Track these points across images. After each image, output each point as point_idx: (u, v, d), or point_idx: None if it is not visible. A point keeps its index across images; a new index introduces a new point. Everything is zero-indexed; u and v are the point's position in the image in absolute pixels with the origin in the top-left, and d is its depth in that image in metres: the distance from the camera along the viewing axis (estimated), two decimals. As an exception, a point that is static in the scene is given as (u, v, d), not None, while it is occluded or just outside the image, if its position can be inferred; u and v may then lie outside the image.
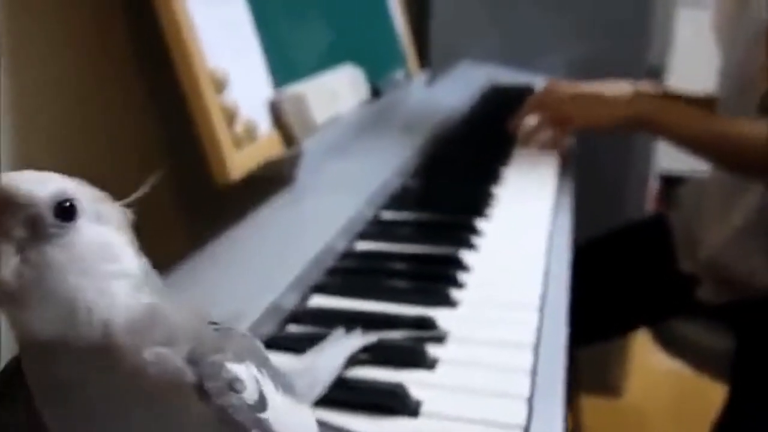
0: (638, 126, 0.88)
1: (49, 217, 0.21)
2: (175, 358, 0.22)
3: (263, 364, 0.25)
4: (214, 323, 0.25)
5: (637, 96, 0.91)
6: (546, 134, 0.92)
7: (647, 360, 1.50)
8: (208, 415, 0.22)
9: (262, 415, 0.23)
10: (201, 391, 0.22)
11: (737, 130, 0.83)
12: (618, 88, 1.00)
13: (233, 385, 0.23)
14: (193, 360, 0.22)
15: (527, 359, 0.45)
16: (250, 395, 0.23)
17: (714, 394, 0.84)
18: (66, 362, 0.21)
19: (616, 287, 1.00)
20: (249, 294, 0.48)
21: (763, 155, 0.79)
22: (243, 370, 0.23)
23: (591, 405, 1.42)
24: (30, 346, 0.22)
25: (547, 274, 0.57)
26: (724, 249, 0.90)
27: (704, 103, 0.98)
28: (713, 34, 0.96)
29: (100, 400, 0.21)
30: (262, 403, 0.23)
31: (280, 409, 0.24)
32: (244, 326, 0.44)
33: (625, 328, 1.08)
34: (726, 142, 0.83)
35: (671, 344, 1.02)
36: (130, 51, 0.65)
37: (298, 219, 0.62)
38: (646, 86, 1.04)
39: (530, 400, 0.42)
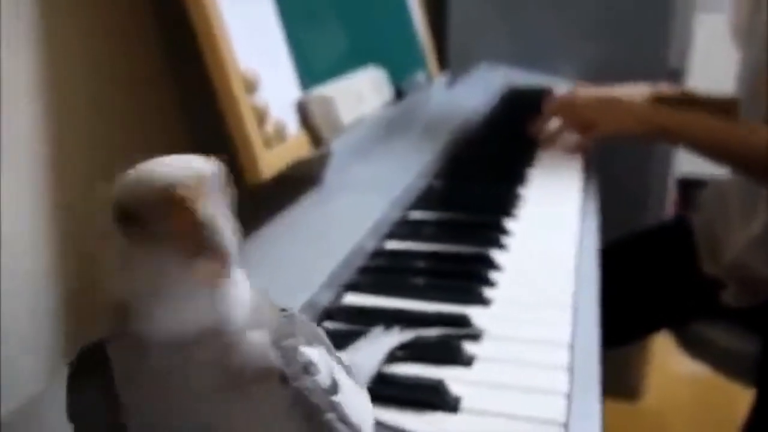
0: (661, 136, 0.88)
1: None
2: (267, 342, 0.22)
3: (329, 350, 0.26)
4: (283, 309, 0.25)
5: (660, 107, 0.90)
6: (570, 138, 0.92)
7: (667, 363, 1.50)
8: (286, 398, 0.22)
9: (335, 398, 0.23)
10: (281, 374, 0.22)
11: (759, 139, 0.82)
12: (638, 91, 1.00)
13: (308, 368, 0.23)
14: (275, 344, 0.23)
15: (564, 356, 0.46)
16: (323, 379, 0.23)
17: (733, 397, 0.84)
18: (172, 348, 0.22)
19: (639, 290, 1.00)
20: (285, 292, 0.49)
21: None
22: (316, 354, 0.24)
23: (610, 408, 1.41)
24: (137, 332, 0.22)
25: (578, 274, 0.57)
26: (747, 252, 0.90)
27: (725, 105, 0.98)
28: (730, 37, 0.96)
29: (196, 384, 0.22)
30: (334, 387, 0.24)
31: (349, 392, 0.25)
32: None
33: (648, 330, 1.08)
34: (749, 153, 0.82)
35: (694, 347, 1.02)
36: (162, 54, 0.66)
37: (328, 219, 0.63)
38: (665, 88, 1.04)
39: (569, 397, 0.42)
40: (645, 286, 1.00)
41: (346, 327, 0.49)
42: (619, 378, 1.47)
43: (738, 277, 0.92)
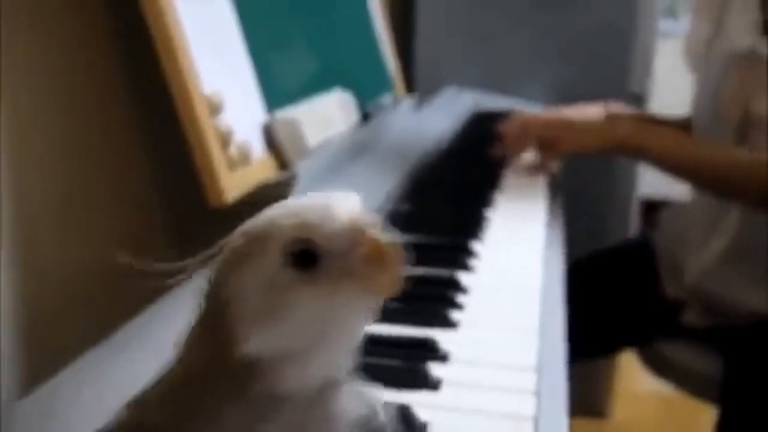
0: (622, 150, 0.89)
1: None
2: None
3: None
4: None
5: (622, 121, 0.92)
6: (533, 158, 0.93)
7: (633, 383, 1.51)
8: None
9: None
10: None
11: (720, 155, 0.84)
12: (592, 112, 1.02)
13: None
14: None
15: (531, 380, 0.45)
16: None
17: (699, 415, 0.85)
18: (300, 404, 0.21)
19: (601, 308, 1.01)
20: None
21: (745, 180, 0.81)
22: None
23: (578, 426, 1.42)
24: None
25: (544, 295, 0.58)
26: (708, 275, 0.91)
27: (680, 127, 1.00)
28: (686, 59, 0.98)
29: None
30: None
31: None
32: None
33: (610, 348, 1.09)
34: (709, 167, 0.84)
35: (657, 366, 1.02)
36: (124, 75, 0.65)
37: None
38: (619, 109, 1.06)
39: (536, 420, 0.42)
40: (608, 305, 1.01)
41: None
42: (587, 396, 1.47)
43: (699, 298, 0.94)
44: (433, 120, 1.13)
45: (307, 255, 0.21)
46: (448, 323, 0.52)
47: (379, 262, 0.21)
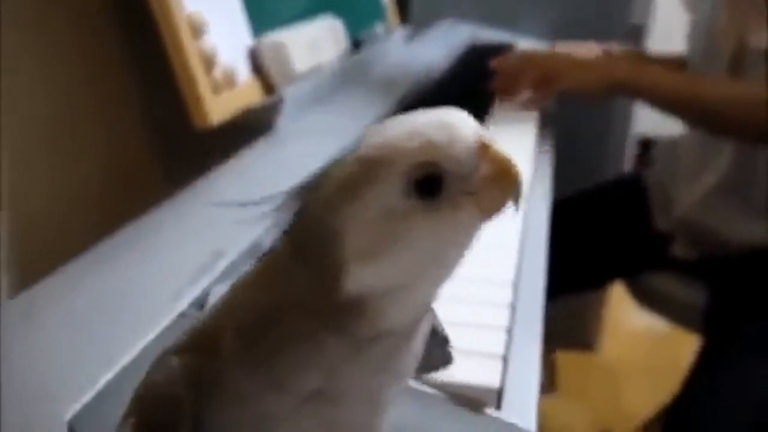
0: (620, 90, 0.88)
1: None
2: None
3: None
4: None
5: (620, 60, 0.91)
6: (529, 93, 0.92)
7: (622, 317, 1.54)
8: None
9: None
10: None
11: (716, 91, 0.83)
12: (589, 50, 1.00)
13: None
14: None
15: (507, 295, 0.46)
16: None
17: (688, 350, 0.86)
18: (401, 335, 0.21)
19: (592, 242, 1.02)
20: (229, 234, 0.48)
21: (741, 115, 0.80)
22: None
23: (566, 359, 1.45)
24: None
25: (526, 222, 0.58)
26: (698, 207, 0.92)
27: (674, 64, 0.99)
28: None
29: (405, 368, 0.22)
30: None
31: None
32: (224, 264, 0.45)
33: (599, 281, 1.10)
34: (706, 104, 0.83)
35: (645, 297, 1.04)
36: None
37: (278, 163, 0.62)
38: (616, 48, 1.04)
39: (510, 331, 0.43)
40: (598, 238, 1.02)
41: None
42: (576, 331, 1.50)
43: (687, 232, 0.94)
44: (427, 51, 1.11)
45: (431, 181, 0.19)
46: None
47: (504, 180, 0.20)
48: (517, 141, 0.80)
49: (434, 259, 0.19)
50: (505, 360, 0.41)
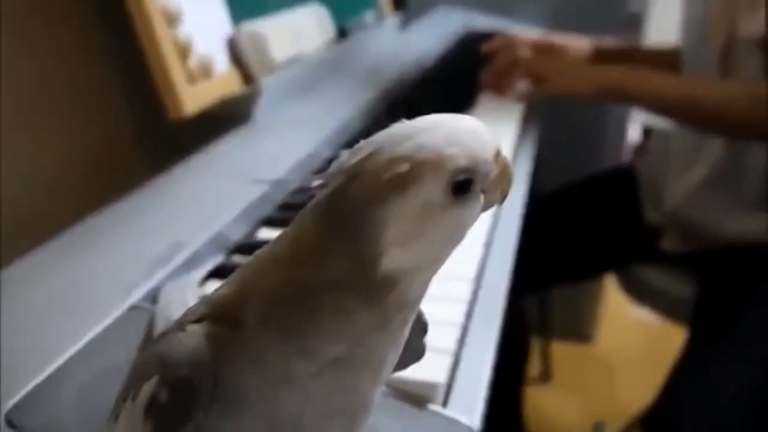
0: (611, 95, 0.87)
1: None
2: None
3: None
4: None
5: (613, 69, 0.90)
6: (522, 86, 0.91)
7: (618, 309, 1.53)
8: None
9: None
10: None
11: (707, 93, 0.82)
12: (579, 44, 0.99)
13: None
14: None
15: (466, 291, 0.46)
16: None
17: (681, 342, 0.86)
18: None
19: (583, 232, 1.01)
20: (193, 225, 0.49)
21: (733, 116, 0.79)
22: None
23: (561, 349, 1.45)
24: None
25: (494, 226, 0.57)
26: (688, 200, 0.91)
27: (668, 57, 0.97)
28: None
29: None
30: None
31: None
32: (185, 255, 0.45)
33: (589, 272, 1.10)
34: (698, 107, 0.82)
35: (636, 290, 1.04)
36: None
37: (252, 154, 0.62)
38: (610, 41, 1.03)
39: (465, 327, 0.43)
40: (589, 230, 1.01)
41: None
42: (572, 322, 1.50)
43: (678, 225, 0.94)
44: (419, 39, 1.10)
45: (468, 182, 0.22)
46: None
47: (505, 181, 0.24)
48: (498, 132, 0.79)
49: (451, 243, 0.23)
50: (457, 356, 0.41)
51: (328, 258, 0.22)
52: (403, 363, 0.27)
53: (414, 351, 0.29)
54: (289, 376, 0.22)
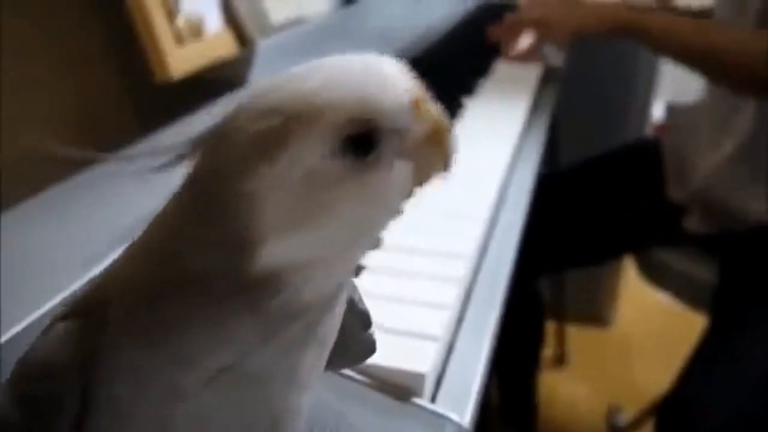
0: (623, 31, 0.83)
1: None
2: None
3: None
4: None
5: (626, 8, 0.86)
6: (528, 41, 0.87)
7: (637, 291, 1.48)
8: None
9: None
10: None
11: (728, 40, 0.77)
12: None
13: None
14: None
15: (460, 268, 0.42)
16: None
17: (701, 328, 0.82)
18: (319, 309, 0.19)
19: (602, 210, 0.97)
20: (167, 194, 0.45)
21: (754, 68, 0.74)
22: None
23: (577, 334, 1.41)
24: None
25: (501, 194, 0.53)
26: (714, 178, 0.87)
27: (699, 17, 0.92)
28: None
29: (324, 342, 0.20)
30: None
31: None
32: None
33: (608, 254, 1.05)
34: (715, 53, 0.78)
35: (655, 274, 0.99)
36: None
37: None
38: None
39: (462, 312, 0.39)
40: (610, 208, 0.97)
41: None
42: (589, 305, 1.45)
43: (702, 203, 0.89)
44: (435, 6, 1.05)
45: (364, 139, 0.16)
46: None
47: (438, 141, 0.18)
48: (512, 104, 0.74)
49: (361, 228, 0.18)
50: (450, 345, 0.37)
51: (194, 248, 0.17)
52: (354, 358, 0.23)
53: (362, 344, 0.24)
54: (171, 387, 0.18)
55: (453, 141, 0.18)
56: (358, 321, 0.23)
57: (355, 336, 0.22)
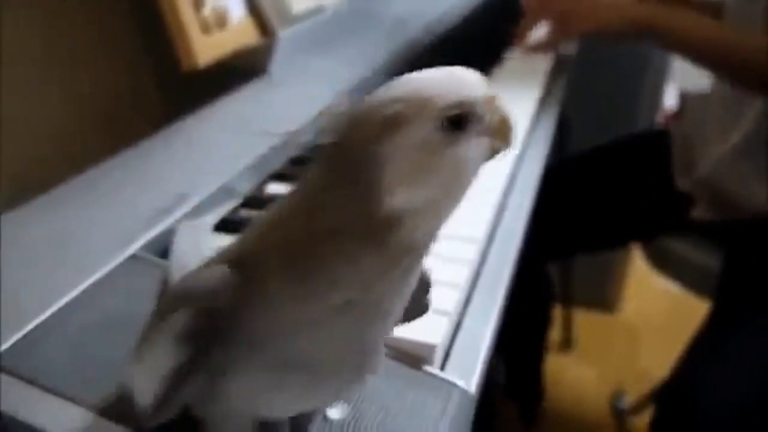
0: (642, 32, 0.84)
1: None
2: None
3: None
4: None
5: (645, 4, 0.86)
6: (544, 33, 0.88)
7: (643, 279, 1.50)
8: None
9: None
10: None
11: (742, 41, 0.78)
12: None
13: None
14: None
15: (471, 251, 0.45)
16: None
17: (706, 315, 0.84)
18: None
19: (610, 198, 0.98)
20: (198, 175, 0.48)
21: (763, 66, 0.75)
22: None
23: (584, 319, 1.43)
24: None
25: (508, 190, 0.55)
26: (721, 168, 0.88)
27: (710, 9, 0.93)
28: None
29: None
30: None
31: None
32: (188, 208, 0.44)
33: (616, 241, 1.07)
34: (730, 53, 0.79)
35: (661, 261, 1.01)
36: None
37: (266, 108, 0.61)
38: None
39: (470, 290, 0.41)
40: (617, 196, 0.98)
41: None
42: (596, 291, 1.48)
43: (709, 194, 0.91)
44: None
45: (458, 120, 0.23)
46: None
47: (505, 127, 0.25)
48: (521, 91, 0.76)
49: (454, 185, 0.24)
50: (459, 320, 0.40)
51: (334, 204, 0.23)
52: (407, 317, 0.28)
53: (418, 306, 0.29)
54: (301, 319, 0.23)
55: (515, 127, 0.25)
56: (422, 286, 0.28)
57: (416, 298, 0.27)
